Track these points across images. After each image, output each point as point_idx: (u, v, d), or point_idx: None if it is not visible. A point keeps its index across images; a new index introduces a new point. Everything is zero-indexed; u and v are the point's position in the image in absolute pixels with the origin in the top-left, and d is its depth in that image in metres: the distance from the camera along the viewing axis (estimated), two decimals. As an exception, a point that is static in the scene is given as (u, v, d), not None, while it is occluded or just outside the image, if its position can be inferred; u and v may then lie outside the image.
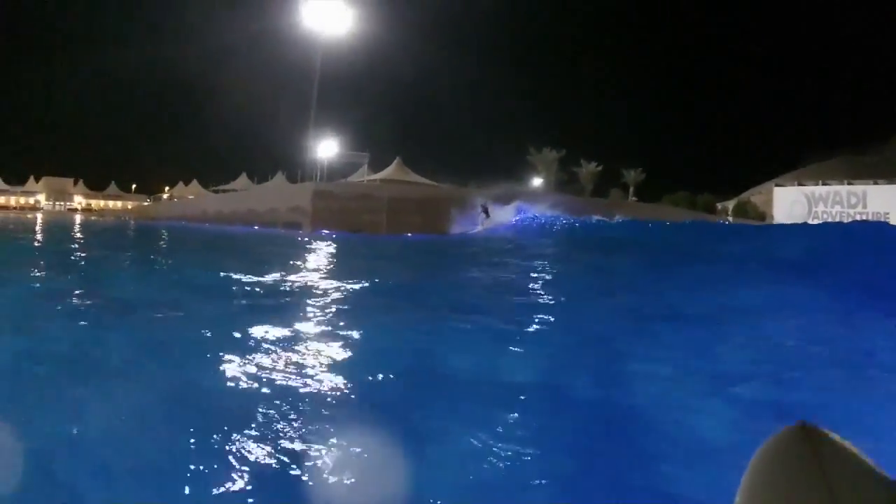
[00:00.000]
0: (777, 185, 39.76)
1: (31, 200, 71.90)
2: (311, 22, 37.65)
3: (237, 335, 5.55)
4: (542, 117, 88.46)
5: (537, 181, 38.07)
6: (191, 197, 54.22)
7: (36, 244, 19.08)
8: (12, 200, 71.98)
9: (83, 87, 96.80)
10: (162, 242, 22.19)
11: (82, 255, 14.75)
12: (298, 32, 38.22)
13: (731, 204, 37.99)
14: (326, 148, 37.49)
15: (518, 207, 26.39)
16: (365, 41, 39.09)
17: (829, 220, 37.39)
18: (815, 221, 36.55)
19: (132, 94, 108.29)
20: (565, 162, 38.65)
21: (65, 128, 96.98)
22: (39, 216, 52.66)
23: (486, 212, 25.53)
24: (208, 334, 5.66)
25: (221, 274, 9.78)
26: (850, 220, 36.46)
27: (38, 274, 10.13)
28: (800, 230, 19.44)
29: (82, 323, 6.16)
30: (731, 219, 36.36)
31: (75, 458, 3.19)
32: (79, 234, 25.54)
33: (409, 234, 25.80)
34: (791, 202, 39.27)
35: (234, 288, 8.58)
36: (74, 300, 7.36)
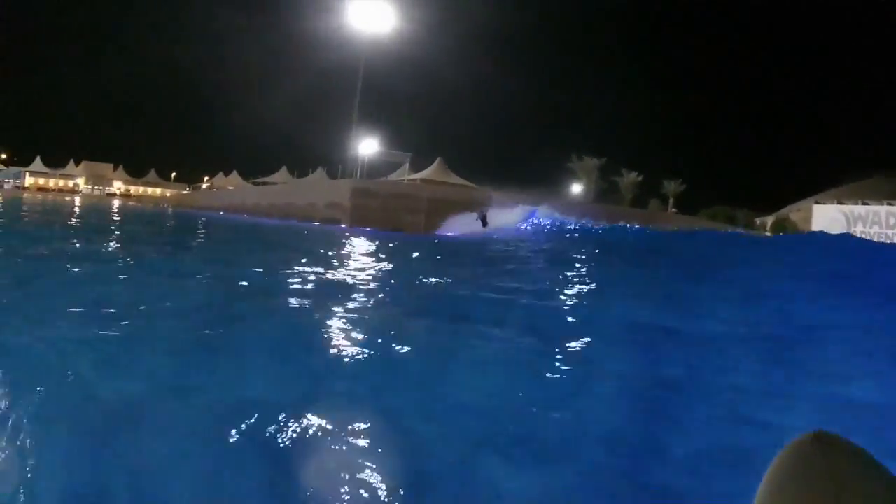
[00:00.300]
0: (816, 203, 39.43)
1: (71, 184, 73.76)
2: (357, 21, 38.21)
3: (268, 334, 5.45)
4: (586, 124, 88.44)
5: (577, 188, 38.21)
6: (230, 188, 55.14)
7: (76, 229, 19.36)
8: (51, 183, 73.96)
9: (129, 74, 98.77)
10: (200, 233, 22.24)
11: (119, 245, 14.46)
12: (344, 31, 38.76)
13: (769, 220, 37.72)
14: (367, 146, 38.00)
15: (529, 212, 25.95)
16: (410, 42, 39.56)
17: (867, 239, 37.04)
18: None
19: (177, 85, 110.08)
20: (606, 170, 38.77)
21: (109, 114, 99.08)
22: (78, 199, 54.12)
23: (483, 220, 25.31)
24: (235, 332, 5.51)
25: (256, 269, 9.74)
26: (888, 240, 36.09)
27: (72, 261, 9.72)
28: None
29: (122, 322, 5.63)
30: (768, 234, 36.20)
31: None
32: (117, 220, 25.82)
33: (447, 234, 25.76)
34: (829, 220, 38.92)
35: (270, 283, 8.47)
36: (112, 292, 6.81)
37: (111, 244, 13.84)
